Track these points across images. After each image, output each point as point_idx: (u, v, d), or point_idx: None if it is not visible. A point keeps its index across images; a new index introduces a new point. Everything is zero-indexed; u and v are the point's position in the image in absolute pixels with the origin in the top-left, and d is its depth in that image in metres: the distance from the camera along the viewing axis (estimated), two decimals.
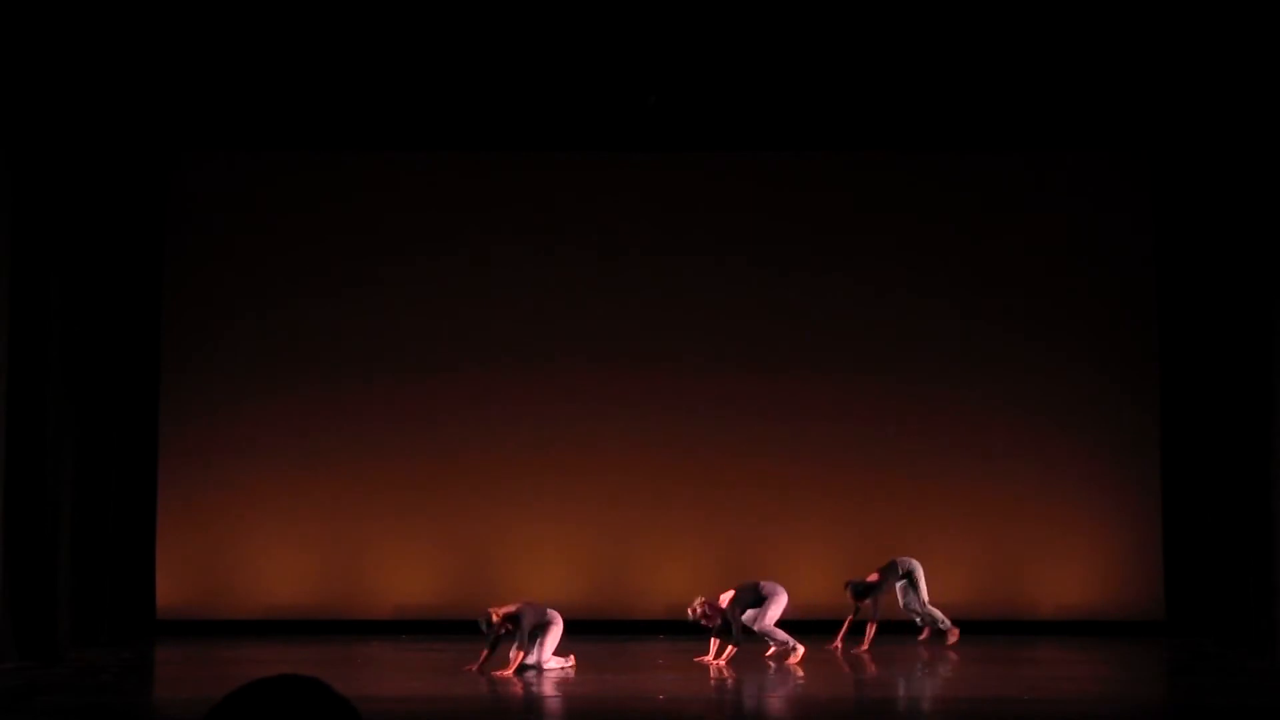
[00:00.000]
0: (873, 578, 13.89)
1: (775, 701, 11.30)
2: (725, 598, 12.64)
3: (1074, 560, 15.33)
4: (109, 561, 14.12)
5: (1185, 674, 12.86)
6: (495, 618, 11.74)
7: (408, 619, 15.23)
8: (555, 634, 12.03)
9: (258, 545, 15.29)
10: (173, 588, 15.23)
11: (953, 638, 14.01)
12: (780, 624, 12.97)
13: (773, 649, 12.89)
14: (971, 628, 14.85)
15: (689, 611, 12.54)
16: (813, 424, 15.48)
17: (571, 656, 12.19)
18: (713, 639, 12.62)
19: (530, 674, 11.78)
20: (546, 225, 15.67)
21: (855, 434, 15.49)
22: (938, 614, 14.15)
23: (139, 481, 14.97)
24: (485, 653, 11.78)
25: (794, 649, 12.68)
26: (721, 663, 12.37)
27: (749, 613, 12.81)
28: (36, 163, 12.21)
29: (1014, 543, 15.37)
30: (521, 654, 11.74)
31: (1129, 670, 12.85)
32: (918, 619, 14.20)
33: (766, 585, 13.00)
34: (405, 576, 15.38)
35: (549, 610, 12.06)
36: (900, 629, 14.94)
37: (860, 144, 15.47)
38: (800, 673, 12.11)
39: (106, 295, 14.01)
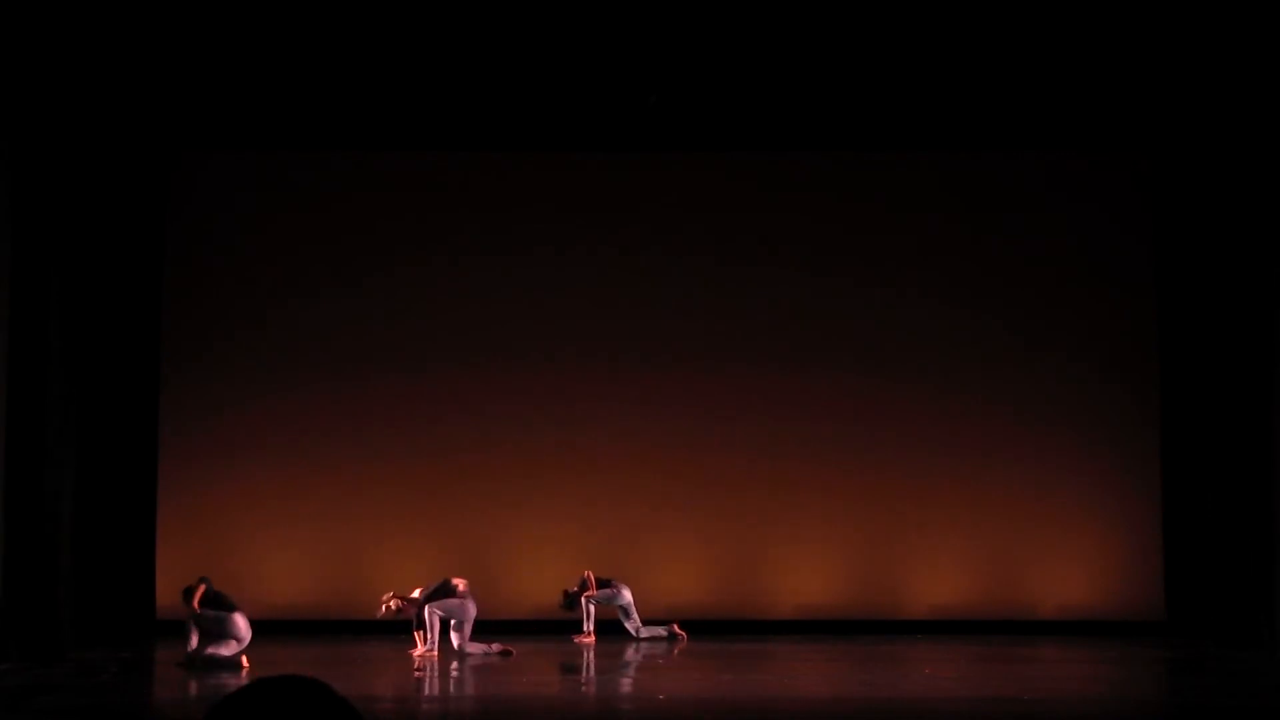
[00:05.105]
0: (590, 591, 14.17)
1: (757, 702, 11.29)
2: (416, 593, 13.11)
3: (1074, 560, 15.32)
4: (109, 562, 14.12)
5: (1185, 674, 12.85)
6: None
7: (407, 619, 15.21)
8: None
9: (258, 545, 15.29)
10: (173, 588, 15.19)
11: (680, 641, 14.12)
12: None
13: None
14: (971, 628, 14.86)
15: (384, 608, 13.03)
16: (813, 424, 15.47)
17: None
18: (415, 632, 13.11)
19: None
20: (547, 225, 15.67)
21: (855, 434, 15.48)
22: (658, 630, 14.30)
23: (139, 482, 14.96)
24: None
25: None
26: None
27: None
28: (37, 162, 12.21)
29: (1014, 543, 15.36)
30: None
31: (1129, 670, 12.84)
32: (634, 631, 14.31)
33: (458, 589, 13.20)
34: (405, 577, 15.35)
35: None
36: (903, 628, 14.94)
37: (861, 144, 15.46)
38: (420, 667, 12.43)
39: (106, 295, 14.01)
